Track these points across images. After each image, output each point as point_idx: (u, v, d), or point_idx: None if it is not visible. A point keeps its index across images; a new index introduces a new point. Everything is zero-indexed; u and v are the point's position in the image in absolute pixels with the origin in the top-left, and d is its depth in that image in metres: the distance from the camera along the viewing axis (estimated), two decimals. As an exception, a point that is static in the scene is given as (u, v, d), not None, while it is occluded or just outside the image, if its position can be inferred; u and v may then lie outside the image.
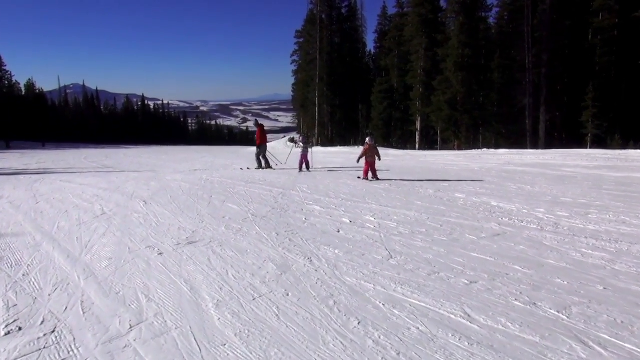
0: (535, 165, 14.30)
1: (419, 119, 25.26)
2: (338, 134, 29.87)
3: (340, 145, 30.57)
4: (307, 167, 12.86)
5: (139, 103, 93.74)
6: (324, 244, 5.14)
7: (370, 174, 9.95)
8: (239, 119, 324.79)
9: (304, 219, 6.54)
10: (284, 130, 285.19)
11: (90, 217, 6.80)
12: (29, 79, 65.73)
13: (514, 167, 13.89)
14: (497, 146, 23.43)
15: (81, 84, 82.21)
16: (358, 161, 10.15)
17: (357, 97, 30.18)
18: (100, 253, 4.95)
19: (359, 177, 10.30)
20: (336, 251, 4.85)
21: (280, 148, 34.18)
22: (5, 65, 50.10)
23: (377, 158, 10.04)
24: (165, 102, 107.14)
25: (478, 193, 8.66)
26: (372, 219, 6.48)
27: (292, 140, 36.21)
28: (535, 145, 23.44)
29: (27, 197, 8.90)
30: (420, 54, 24.53)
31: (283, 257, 4.67)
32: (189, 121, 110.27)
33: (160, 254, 4.86)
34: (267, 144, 14.99)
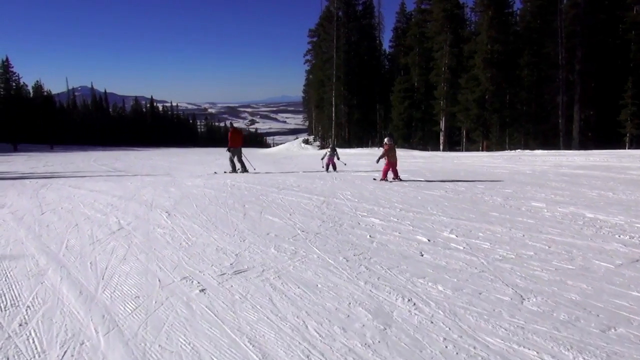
0: (591, 168, 12.92)
1: (443, 118, 23.91)
2: (355, 134, 28.59)
3: (358, 147, 29.32)
4: (334, 168, 13.50)
5: (148, 105, 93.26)
6: (415, 275, 3.89)
7: (390, 175, 9.48)
8: (246, 121, 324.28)
9: (368, 236, 5.30)
10: (292, 132, 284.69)
11: (106, 233, 5.60)
12: (37, 81, 65.31)
13: (569, 170, 12.52)
14: (526, 146, 22.03)
15: (89, 86, 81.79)
16: (378, 162, 9.68)
17: (374, 97, 28.92)
18: (122, 287, 3.74)
19: (374, 179, 9.78)
20: (439, 287, 3.60)
21: (295, 150, 33.04)
22: (12, 67, 49.49)
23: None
24: (174, 104, 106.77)
25: (558, 202, 7.35)
26: (454, 236, 5.22)
27: (306, 141, 35.03)
28: (568, 146, 22.02)
29: (32, 207, 7.75)
30: (444, 50, 23.19)
31: (372, 298, 3.42)
32: (198, 123, 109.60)
33: (203, 290, 3.64)
34: (280, 146, 13.88)
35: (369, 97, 28.92)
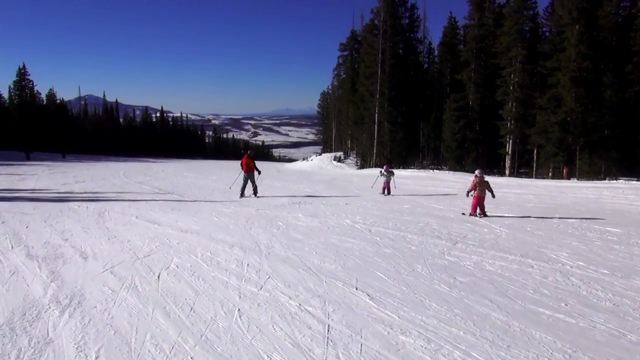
0: None
1: (511, 141, 22.18)
2: (398, 154, 26.87)
3: (402, 167, 27.59)
4: (388, 192, 13.47)
5: (157, 115, 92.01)
6: None
7: (478, 210, 8.73)
8: (249, 133, 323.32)
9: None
10: (295, 145, 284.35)
11: (308, 340, 3.59)
12: (50, 89, 63.96)
13: None
14: (609, 174, 19.70)
15: (95, 95, 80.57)
16: (468, 195, 8.75)
17: (419, 115, 27.33)
18: None
19: (463, 214, 8.98)
20: None
21: (329, 168, 31.30)
22: (29, 75, 48.11)
23: (487, 193, 8.93)
24: (178, 114, 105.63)
25: None
26: None
27: (338, 159, 33.33)
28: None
29: (125, 257, 5.93)
30: (515, 67, 21.57)
31: None
32: (206, 134, 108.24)
33: None
34: (309, 162, 12.41)
35: (413, 115, 27.31)
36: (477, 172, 9.02)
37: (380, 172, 13.89)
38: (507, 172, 22.24)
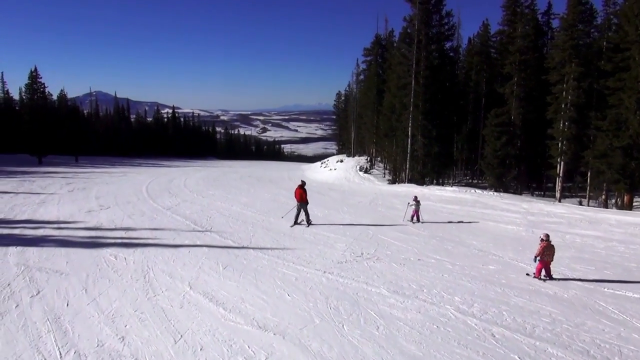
0: None
1: (562, 162, 20.66)
2: (432, 169, 25.47)
3: (436, 184, 26.19)
4: (417, 219, 14.02)
5: (167, 112, 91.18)
6: None
7: (543, 273, 8.38)
8: (258, 129, 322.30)
9: None
10: (304, 141, 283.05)
11: None
12: (62, 90, 63.06)
13: None
14: None
15: (104, 91, 79.75)
16: (535, 260, 8.29)
17: (453, 127, 25.92)
18: None
19: (527, 274, 8.60)
20: None
21: (356, 181, 29.93)
22: (41, 78, 47.12)
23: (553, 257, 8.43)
24: (187, 111, 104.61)
25: None
26: None
27: (364, 170, 31.98)
28: None
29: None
30: (569, 85, 19.96)
31: None
32: (217, 131, 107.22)
33: None
34: (331, 171, 11.93)
35: (448, 129, 25.88)
36: (543, 235, 8.41)
37: (409, 203, 14.65)
38: (557, 194, 20.76)
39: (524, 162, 24.07)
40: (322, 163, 49.95)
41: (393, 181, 26.65)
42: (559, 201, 20.43)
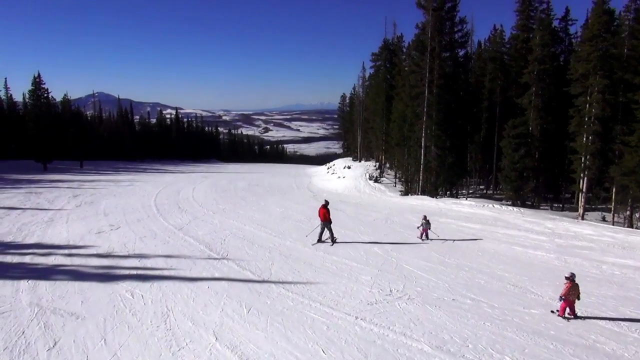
0: None
1: (585, 178, 20.04)
2: (446, 179, 24.92)
3: (450, 196, 25.63)
4: (426, 237, 14.56)
5: (169, 113, 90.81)
6: None
7: (567, 311, 8.28)
8: (260, 129, 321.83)
9: None
10: (306, 140, 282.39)
11: None
12: (65, 95, 62.64)
13: None
14: None
15: (106, 92, 79.44)
16: (560, 299, 8.15)
17: (467, 136, 25.36)
18: None
19: (552, 311, 8.46)
20: None
21: (367, 191, 29.38)
22: (44, 84, 46.71)
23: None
24: (189, 111, 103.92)
25: None
26: None
27: (374, 179, 31.43)
28: None
29: None
30: (593, 98, 19.32)
31: None
32: (220, 131, 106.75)
33: None
34: (339, 179, 11.62)
35: (462, 138, 25.31)
36: (568, 274, 8.28)
37: (417, 227, 14.99)
38: (580, 211, 20.16)
39: (542, 174, 23.49)
40: (328, 168, 49.33)
41: (405, 192, 26.09)
42: (582, 218, 19.86)
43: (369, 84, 45.27)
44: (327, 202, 14.19)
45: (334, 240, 13.90)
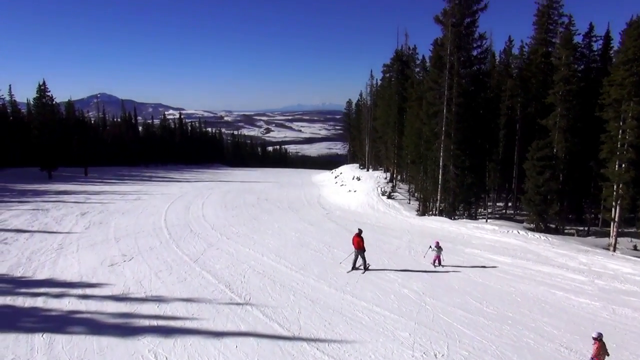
0: None
1: (618, 206, 19.31)
2: (464, 200, 24.21)
3: (467, 217, 24.91)
4: (439, 263, 15.07)
5: (174, 117, 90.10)
6: None
7: None
8: (262, 129, 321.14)
9: None
10: (308, 141, 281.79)
11: None
12: (69, 99, 62.05)
13: None
14: None
15: (108, 93, 78.91)
16: None
17: (486, 156, 24.63)
18: None
19: None
20: None
21: (381, 208, 28.59)
22: (49, 92, 46.10)
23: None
24: (191, 111, 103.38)
25: None
26: None
27: (387, 195, 30.68)
28: None
29: None
30: (627, 124, 18.52)
31: None
32: (222, 132, 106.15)
33: None
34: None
35: (482, 158, 24.58)
36: (595, 334, 8.21)
37: (431, 247, 15.24)
38: (612, 241, 19.42)
39: (566, 197, 22.77)
40: (335, 177, 48.47)
41: (422, 212, 25.36)
42: (614, 249, 19.11)
43: (376, 93, 44.52)
44: (360, 231, 14.70)
45: (366, 268, 14.53)
